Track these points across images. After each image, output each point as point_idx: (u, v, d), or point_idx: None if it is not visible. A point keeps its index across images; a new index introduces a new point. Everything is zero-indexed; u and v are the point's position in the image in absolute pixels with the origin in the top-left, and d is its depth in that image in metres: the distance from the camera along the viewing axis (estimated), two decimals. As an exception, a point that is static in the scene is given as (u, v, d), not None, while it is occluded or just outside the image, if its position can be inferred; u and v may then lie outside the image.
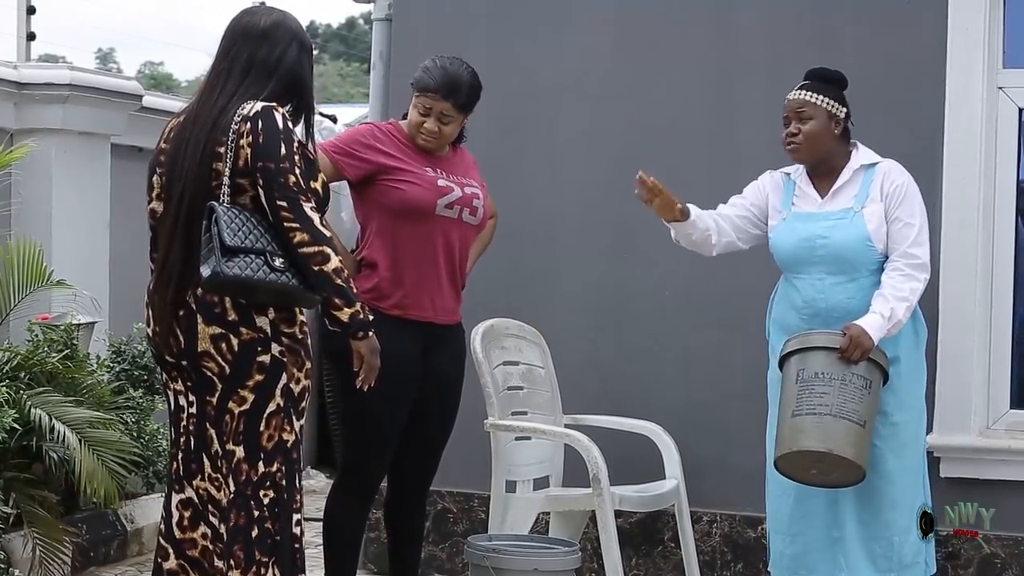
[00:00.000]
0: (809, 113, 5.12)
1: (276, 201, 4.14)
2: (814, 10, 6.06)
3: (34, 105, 7.23)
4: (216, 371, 4.19)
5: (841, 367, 4.89)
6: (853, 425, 4.86)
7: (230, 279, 4.06)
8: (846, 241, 5.06)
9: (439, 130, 4.95)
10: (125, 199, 7.52)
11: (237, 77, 4.27)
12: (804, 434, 4.90)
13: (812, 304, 5.10)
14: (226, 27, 4.36)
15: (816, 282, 5.11)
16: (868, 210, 5.08)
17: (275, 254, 4.13)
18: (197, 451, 4.28)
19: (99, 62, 40.78)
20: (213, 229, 4.08)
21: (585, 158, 6.32)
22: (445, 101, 4.93)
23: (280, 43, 4.30)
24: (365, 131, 4.99)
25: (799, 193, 5.22)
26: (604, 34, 6.31)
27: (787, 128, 5.16)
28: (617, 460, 5.57)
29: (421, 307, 4.94)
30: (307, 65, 4.36)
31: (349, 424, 4.97)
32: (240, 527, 4.19)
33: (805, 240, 5.11)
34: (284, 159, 4.14)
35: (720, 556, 6.11)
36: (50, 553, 5.70)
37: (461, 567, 6.18)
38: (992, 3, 5.84)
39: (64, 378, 6.09)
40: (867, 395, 4.91)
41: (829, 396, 4.88)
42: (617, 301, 6.28)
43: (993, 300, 5.85)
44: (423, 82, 4.96)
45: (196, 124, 4.23)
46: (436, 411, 5.06)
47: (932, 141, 5.79)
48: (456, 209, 4.97)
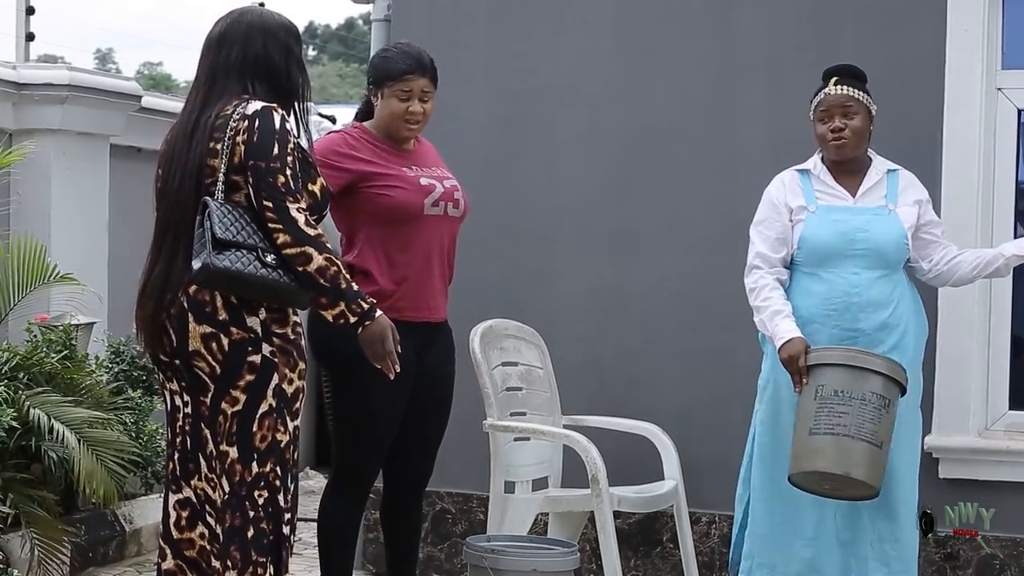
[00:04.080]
0: (855, 109, 5.12)
1: (263, 201, 4.14)
2: (813, 11, 6.06)
3: (33, 105, 7.24)
4: (207, 371, 4.18)
5: (860, 385, 4.87)
6: (869, 446, 4.83)
7: (220, 271, 4.06)
8: (886, 235, 5.08)
9: (423, 110, 4.93)
10: (124, 199, 7.53)
11: (204, 88, 4.29)
12: (821, 454, 4.88)
13: (845, 298, 5.08)
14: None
15: (851, 276, 5.08)
16: (901, 211, 5.14)
17: (267, 250, 4.13)
18: (193, 451, 4.28)
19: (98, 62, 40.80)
20: (206, 223, 4.08)
21: (584, 159, 6.32)
22: (423, 77, 4.92)
23: (236, 42, 4.29)
24: (337, 140, 4.91)
25: (823, 188, 5.18)
26: (603, 35, 6.31)
27: (828, 124, 5.12)
28: (616, 461, 5.57)
29: (416, 308, 4.93)
30: (279, 53, 4.31)
31: (343, 425, 4.96)
32: (236, 528, 4.19)
33: (844, 233, 5.10)
34: (275, 159, 4.14)
35: (719, 557, 6.11)
36: (49, 553, 5.70)
37: (460, 568, 6.18)
38: (991, 4, 5.85)
39: (63, 378, 6.09)
40: (885, 414, 4.87)
41: (848, 416, 4.84)
42: (616, 302, 6.28)
43: (992, 301, 5.85)
44: (395, 69, 4.92)
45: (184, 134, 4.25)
46: (431, 410, 5.06)
47: (931, 142, 5.79)
48: (441, 206, 4.95)
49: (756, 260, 5.20)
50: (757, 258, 5.20)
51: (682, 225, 6.19)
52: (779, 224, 5.20)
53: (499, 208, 6.35)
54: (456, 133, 6.33)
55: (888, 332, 5.06)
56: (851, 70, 5.21)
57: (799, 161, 5.36)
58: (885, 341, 5.05)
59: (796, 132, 5.85)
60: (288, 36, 4.36)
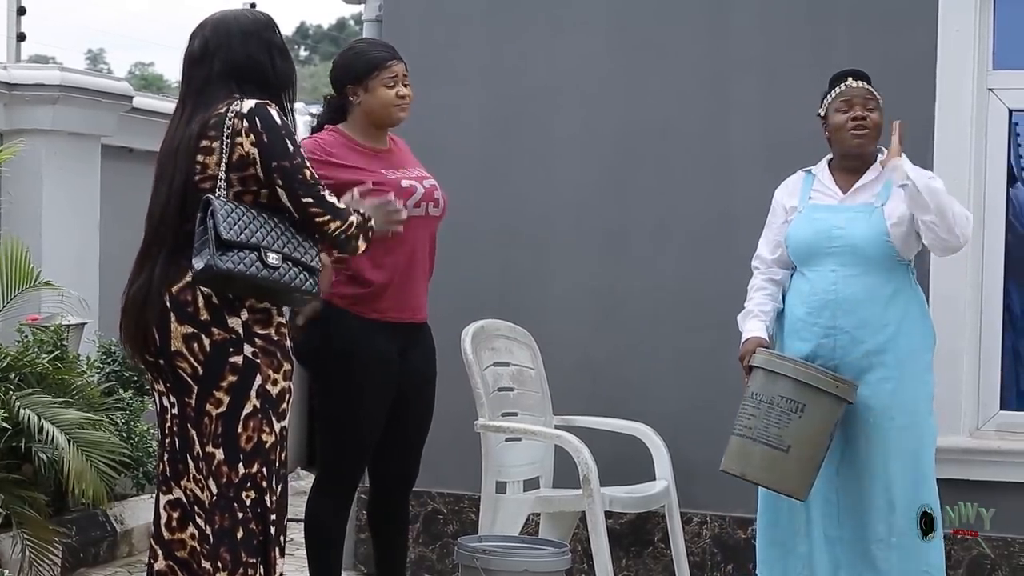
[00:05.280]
0: (874, 104, 5.14)
1: (302, 199, 4.19)
2: (807, 12, 6.06)
3: (24, 106, 7.23)
4: (189, 372, 4.18)
5: (769, 389, 4.97)
6: (771, 450, 4.95)
7: (223, 272, 4.07)
8: (863, 233, 5.06)
9: (410, 92, 4.97)
10: (115, 200, 7.52)
11: (191, 102, 4.29)
12: (727, 453, 5.07)
13: (823, 296, 5.09)
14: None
15: (829, 274, 5.09)
16: (889, 207, 5.07)
17: (270, 249, 4.14)
18: (182, 452, 4.27)
19: (89, 63, 40.78)
20: (209, 222, 4.07)
21: (578, 159, 6.32)
22: (400, 62, 4.97)
23: (219, 52, 4.28)
24: (312, 147, 4.84)
25: (819, 187, 5.20)
26: (597, 35, 6.31)
27: (850, 112, 5.12)
28: (607, 461, 5.57)
29: (400, 309, 4.92)
30: (260, 50, 4.31)
31: (327, 425, 4.96)
32: (225, 529, 4.19)
33: (821, 231, 5.11)
34: (294, 155, 4.19)
35: (710, 557, 6.11)
36: (40, 554, 5.69)
37: (451, 568, 6.17)
38: (982, 5, 5.85)
39: (54, 379, 6.08)
40: (796, 419, 4.94)
41: (755, 419, 4.99)
42: (609, 302, 6.28)
43: (983, 301, 5.86)
44: (376, 58, 4.94)
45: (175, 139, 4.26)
46: (415, 411, 5.05)
47: (923, 142, 5.79)
48: (423, 207, 4.94)
49: (755, 261, 5.32)
50: (756, 259, 5.32)
51: (675, 225, 6.19)
52: (776, 225, 5.27)
53: (492, 208, 6.35)
54: (449, 133, 6.33)
55: (871, 331, 5.03)
56: (861, 73, 5.21)
57: (793, 161, 5.37)
58: (867, 340, 5.03)
59: (790, 132, 5.87)
60: (265, 30, 4.35)
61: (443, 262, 5.18)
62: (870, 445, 5.04)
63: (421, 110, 5.93)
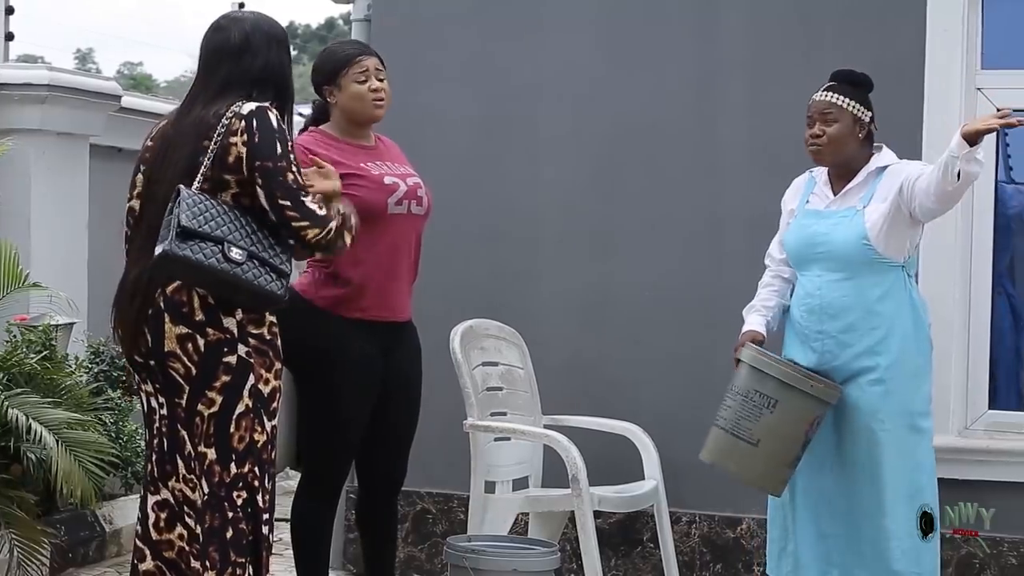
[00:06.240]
0: (835, 116, 5.06)
1: (279, 200, 4.15)
2: (795, 12, 6.07)
3: (12, 105, 7.21)
4: (182, 372, 4.17)
5: (748, 384, 5.00)
6: (741, 443, 4.98)
7: (179, 259, 4.02)
8: (843, 238, 5.05)
9: (383, 87, 4.96)
10: (104, 200, 7.49)
11: (213, 93, 4.27)
12: (705, 443, 5.10)
13: (811, 301, 5.10)
14: (200, 47, 4.36)
15: (815, 278, 5.11)
16: (870, 208, 5.04)
17: (234, 244, 4.11)
18: (171, 452, 4.27)
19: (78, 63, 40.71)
20: (175, 210, 4.06)
21: (566, 159, 6.32)
22: (372, 56, 4.98)
23: (260, 52, 4.31)
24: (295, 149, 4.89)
25: (816, 191, 5.21)
26: (584, 34, 6.31)
27: (811, 129, 5.09)
28: (596, 461, 5.57)
29: (382, 308, 4.92)
30: (287, 62, 4.38)
31: (312, 425, 4.96)
32: (215, 528, 4.18)
33: (807, 237, 5.12)
34: (281, 158, 4.16)
35: (699, 557, 6.12)
36: (28, 554, 5.68)
37: (440, 568, 6.17)
38: (970, 5, 5.86)
39: (42, 379, 6.06)
40: (768, 414, 4.96)
41: (730, 411, 5.02)
42: (598, 302, 6.28)
43: (971, 301, 5.87)
44: (343, 55, 4.97)
45: (178, 135, 4.24)
46: (401, 411, 5.05)
47: (911, 142, 5.79)
48: (405, 204, 4.93)
49: (766, 259, 5.36)
50: (767, 256, 5.35)
51: (664, 225, 6.20)
52: (783, 224, 5.30)
53: (481, 208, 6.35)
54: (437, 133, 6.33)
55: (858, 335, 5.02)
56: (849, 76, 5.13)
57: (782, 161, 5.38)
58: (855, 343, 5.02)
59: (778, 132, 5.88)
60: (286, 41, 4.41)
61: (432, 262, 5.18)
62: (862, 446, 5.03)
63: (408, 110, 5.95)
